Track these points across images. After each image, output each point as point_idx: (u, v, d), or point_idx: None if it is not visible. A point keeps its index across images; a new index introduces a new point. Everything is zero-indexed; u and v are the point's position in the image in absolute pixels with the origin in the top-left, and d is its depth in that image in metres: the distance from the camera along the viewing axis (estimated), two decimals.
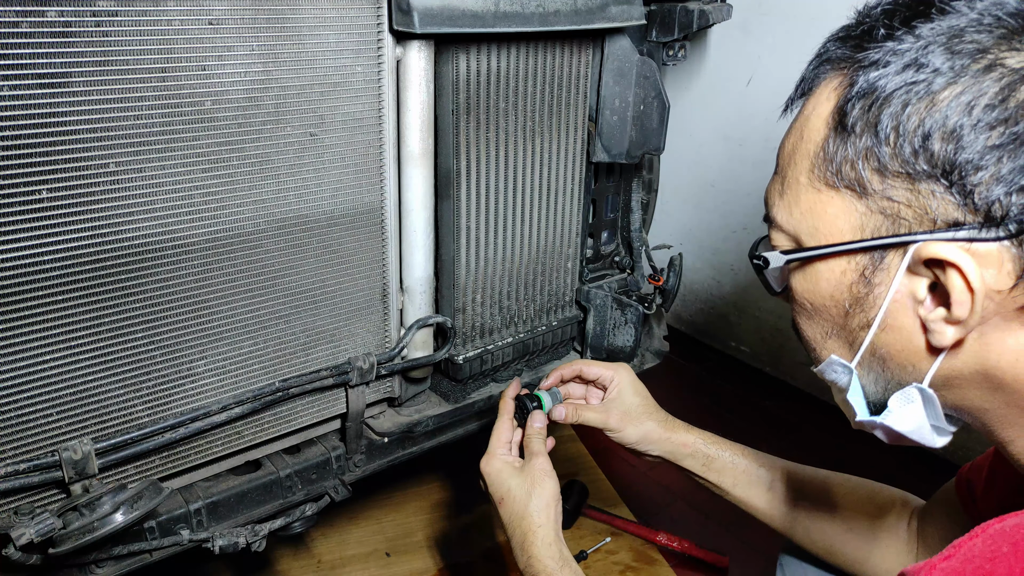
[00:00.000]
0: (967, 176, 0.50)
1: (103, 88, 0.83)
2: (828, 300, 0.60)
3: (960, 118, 0.50)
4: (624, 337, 1.42)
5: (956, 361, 0.56)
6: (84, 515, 0.90)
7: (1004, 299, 0.51)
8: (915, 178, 0.52)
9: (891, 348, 0.58)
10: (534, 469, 0.95)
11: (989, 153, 0.49)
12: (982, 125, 0.49)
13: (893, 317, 0.56)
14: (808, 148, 0.58)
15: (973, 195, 0.50)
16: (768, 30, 1.91)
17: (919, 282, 0.54)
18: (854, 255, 0.57)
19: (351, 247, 1.10)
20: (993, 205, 0.49)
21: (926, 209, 0.52)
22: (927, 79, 0.51)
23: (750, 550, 1.55)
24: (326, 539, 1.51)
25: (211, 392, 1.04)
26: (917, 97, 0.51)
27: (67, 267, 0.87)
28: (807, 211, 0.59)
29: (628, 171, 1.49)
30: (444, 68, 1.10)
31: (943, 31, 0.51)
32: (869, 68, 0.54)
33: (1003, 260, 0.50)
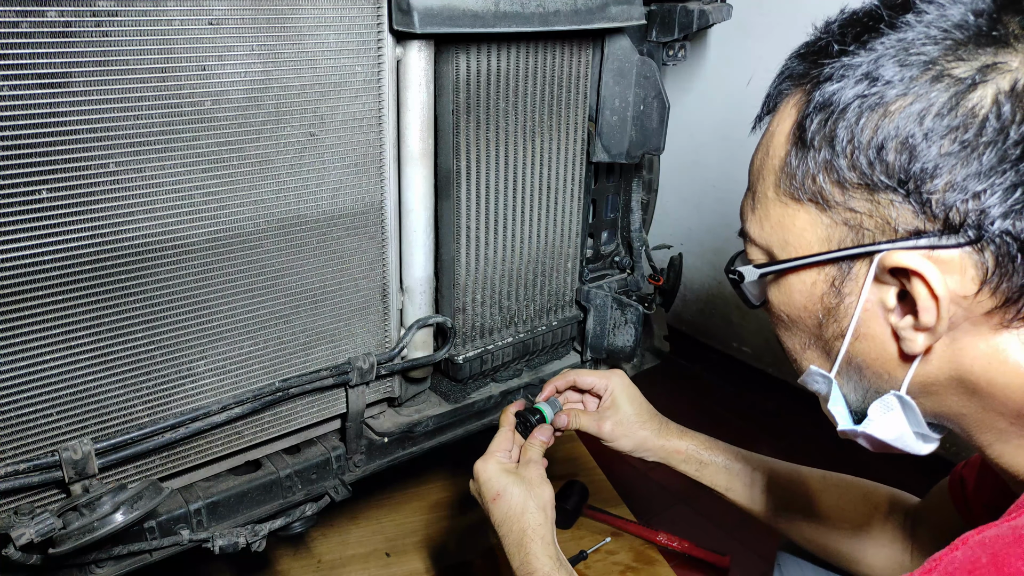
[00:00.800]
0: (923, 184, 0.51)
1: (103, 88, 0.83)
2: (802, 311, 0.61)
3: (912, 128, 0.51)
4: (624, 337, 1.42)
5: (931, 367, 0.57)
6: (84, 515, 0.90)
7: (971, 304, 0.52)
8: (873, 189, 0.53)
9: (866, 357, 0.59)
10: (531, 473, 0.95)
11: (942, 161, 0.50)
12: (934, 134, 0.50)
13: (865, 326, 0.57)
14: (773, 163, 0.60)
15: (930, 203, 0.51)
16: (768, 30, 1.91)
17: (887, 290, 0.55)
18: (823, 266, 0.58)
19: (351, 247, 1.10)
20: (951, 212, 0.50)
21: (887, 219, 0.53)
22: (879, 91, 0.52)
23: (750, 550, 1.55)
24: (326, 539, 1.51)
25: (211, 392, 1.04)
26: (870, 109, 0.52)
27: (67, 267, 0.87)
28: (777, 225, 0.60)
29: (628, 171, 1.49)
30: (444, 68, 1.10)
31: (893, 44, 0.52)
32: (825, 83, 0.55)
33: (965, 266, 0.51)
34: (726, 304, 2.25)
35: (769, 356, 2.16)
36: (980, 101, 0.49)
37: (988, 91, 0.49)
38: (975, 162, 0.49)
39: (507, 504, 0.92)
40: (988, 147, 0.49)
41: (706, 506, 1.67)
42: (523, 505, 0.91)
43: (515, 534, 0.90)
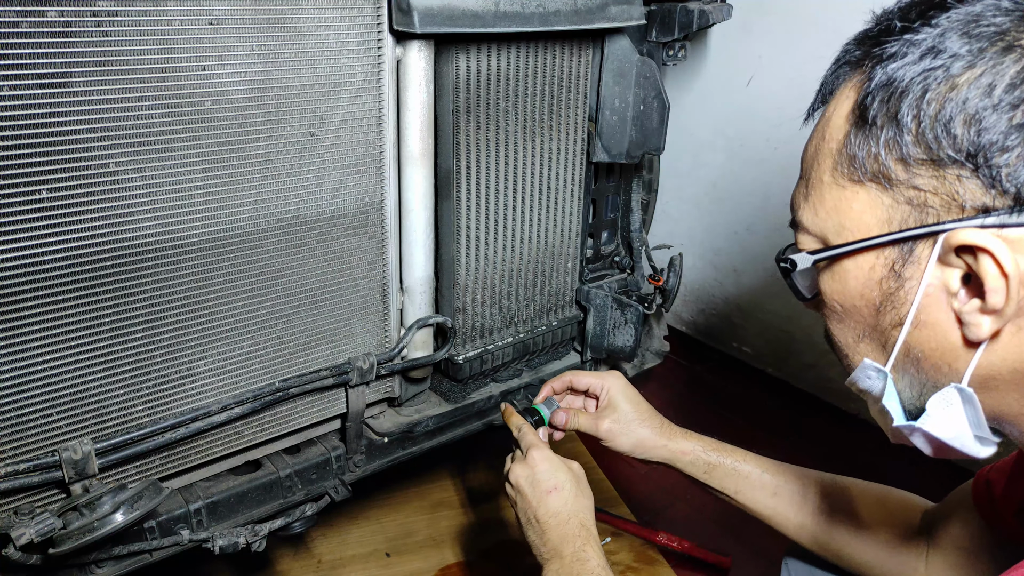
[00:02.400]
0: (992, 158, 0.49)
1: (103, 88, 0.83)
2: (858, 299, 0.59)
3: (981, 100, 0.49)
4: (624, 337, 1.42)
5: (994, 358, 0.54)
6: (84, 515, 0.90)
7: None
8: (940, 164, 0.51)
9: (925, 347, 0.56)
10: (575, 471, 0.96)
11: (1014, 133, 0.48)
12: (1004, 105, 0.48)
13: (926, 312, 0.55)
14: (830, 147, 0.58)
15: (1000, 178, 0.49)
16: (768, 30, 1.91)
17: (951, 273, 0.53)
18: (883, 249, 0.55)
19: (351, 247, 1.10)
20: (1021, 188, 0.48)
21: (953, 195, 0.51)
22: (945, 64, 0.50)
23: (751, 551, 1.55)
24: (326, 539, 1.51)
25: (211, 392, 1.04)
26: (936, 83, 0.51)
27: (67, 267, 0.87)
28: (832, 209, 0.58)
29: (628, 171, 1.49)
30: (444, 68, 1.10)
31: (960, 18, 0.51)
32: (887, 61, 0.53)
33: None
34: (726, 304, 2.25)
35: (769, 356, 2.16)
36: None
37: None
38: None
39: (564, 496, 0.92)
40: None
41: (706, 506, 1.67)
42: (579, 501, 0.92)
43: (573, 525, 0.90)
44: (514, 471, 0.96)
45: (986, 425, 0.57)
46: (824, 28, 1.75)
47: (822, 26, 1.75)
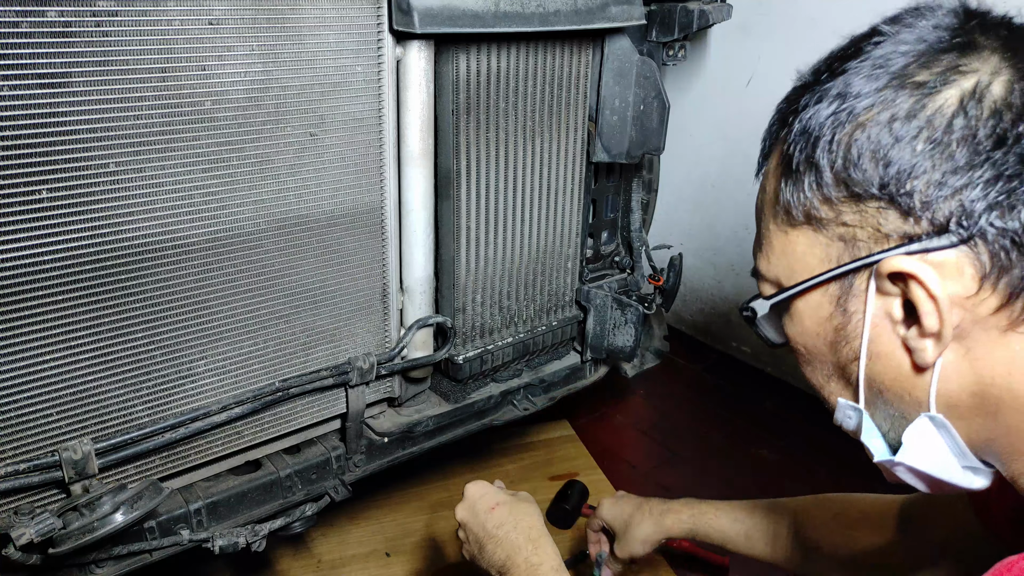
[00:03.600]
0: (902, 187, 0.52)
1: (103, 88, 0.83)
2: (816, 339, 0.61)
3: (883, 134, 0.52)
4: (624, 337, 1.42)
5: (951, 385, 0.55)
6: (84, 515, 0.90)
7: (974, 305, 0.52)
8: (860, 199, 0.54)
9: (884, 378, 0.58)
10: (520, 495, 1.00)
11: (917, 161, 0.51)
12: (905, 137, 0.52)
13: (877, 343, 0.57)
14: (770, 198, 0.62)
15: (915, 205, 0.52)
16: (768, 30, 1.91)
17: (891, 302, 0.55)
18: (826, 286, 0.58)
19: (351, 247, 1.10)
20: (935, 212, 0.51)
21: (877, 227, 0.54)
22: (849, 106, 0.54)
23: None
24: (326, 539, 1.51)
25: (211, 392, 1.04)
26: (844, 124, 0.54)
27: (67, 267, 0.87)
28: (780, 254, 0.61)
29: (628, 171, 1.49)
30: (444, 68, 1.10)
31: (864, 63, 0.55)
32: (803, 111, 0.57)
33: (962, 265, 0.51)
34: (726, 304, 2.25)
35: (769, 356, 2.16)
36: (946, 101, 0.51)
37: (952, 92, 0.51)
38: (949, 160, 0.50)
39: (508, 508, 0.96)
40: (960, 144, 0.50)
41: None
42: (524, 509, 0.95)
43: (522, 530, 0.93)
44: (457, 511, 1.01)
45: (970, 453, 0.58)
46: (824, 28, 1.74)
47: (822, 26, 1.75)
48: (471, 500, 0.99)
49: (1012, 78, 0.51)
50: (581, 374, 1.53)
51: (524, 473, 1.70)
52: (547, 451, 1.78)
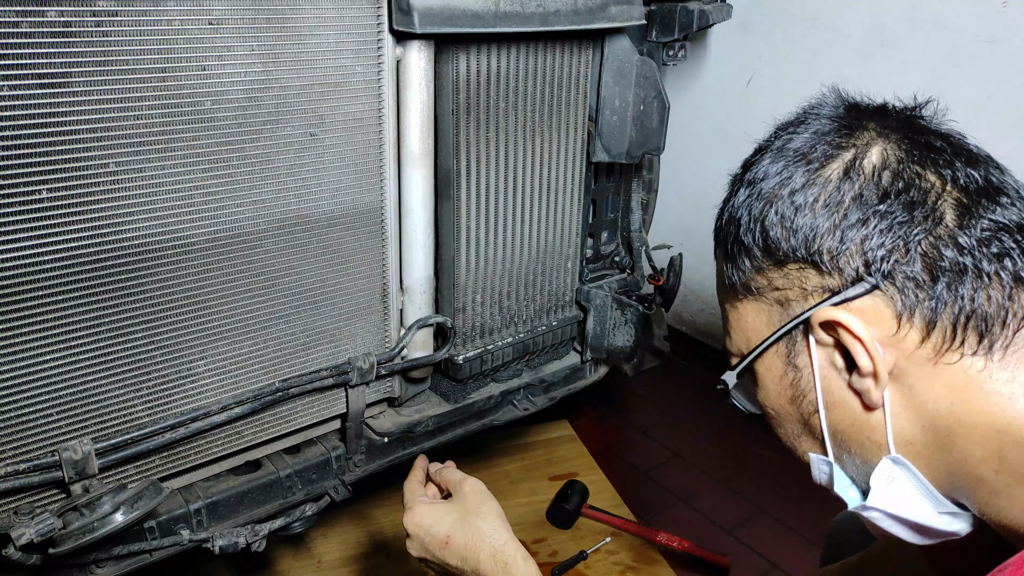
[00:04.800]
0: (813, 247, 0.58)
1: (103, 88, 0.83)
2: (779, 399, 0.66)
3: (787, 205, 0.60)
4: (624, 337, 1.42)
5: (903, 423, 0.59)
6: (84, 515, 0.90)
7: (900, 342, 0.56)
8: (782, 264, 0.61)
9: (843, 426, 0.62)
10: (466, 493, 0.89)
11: (820, 224, 0.58)
12: (805, 205, 0.59)
13: (829, 393, 0.62)
14: (721, 282, 0.69)
15: (825, 262, 0.58)
16: (768, 30, 1.91)
17: (831, 351, 0.60)
18: (776, 347, 0.64)
19: (351, 247, 1.10)
20: (845, 265, 0.57)
21: (802, 286, 0.60)
22: (759, 189, 0.62)
23: (751, 551, 1.55)
24: (326, 539, 1.51)
25: (211, 392, 1.04)
26: (757, 203, 0.62)
27: (67, 267, 0.87)
28: (736, 328, 0.67)
29: (628, 171, 1.49)
30: (444, 68, 1.10)
31: (770, 152, 0.63)
32: (727, 202, 0.66)
33: (879, 308, 0.57)
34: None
35: None
36: (832, 171, 0.59)
37: (836, 163, 0.59)
38: (844, 218, 0.57)
39: (462, 538, 0.85)
40: (851, 203, 0.57)
41: (706, 506, 1.67)
42: (480, 528, 0.85)
43: (484, 557, 0.84)
44: (410, 550, 0.91)
45: (940, 495, 0.61)
46: (824, 28, 1.75)
47: (822, 26, 1.75)
48: (419, 538, 0.89)
49: (884, 147, 0.59)
50: (581, 374, 1.53)
51: (524, 473, 1.71)
52: (547, 451, 1.78)
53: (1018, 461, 0.56)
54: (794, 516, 1.61)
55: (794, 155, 0.61)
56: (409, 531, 0.89)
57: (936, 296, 0.55)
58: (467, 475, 0.93)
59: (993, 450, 0.56)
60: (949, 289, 0.55)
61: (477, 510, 0.87)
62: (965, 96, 1.54)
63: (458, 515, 0.88)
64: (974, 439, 0.57)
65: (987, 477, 0.57)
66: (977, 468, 0.58)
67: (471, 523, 0.86)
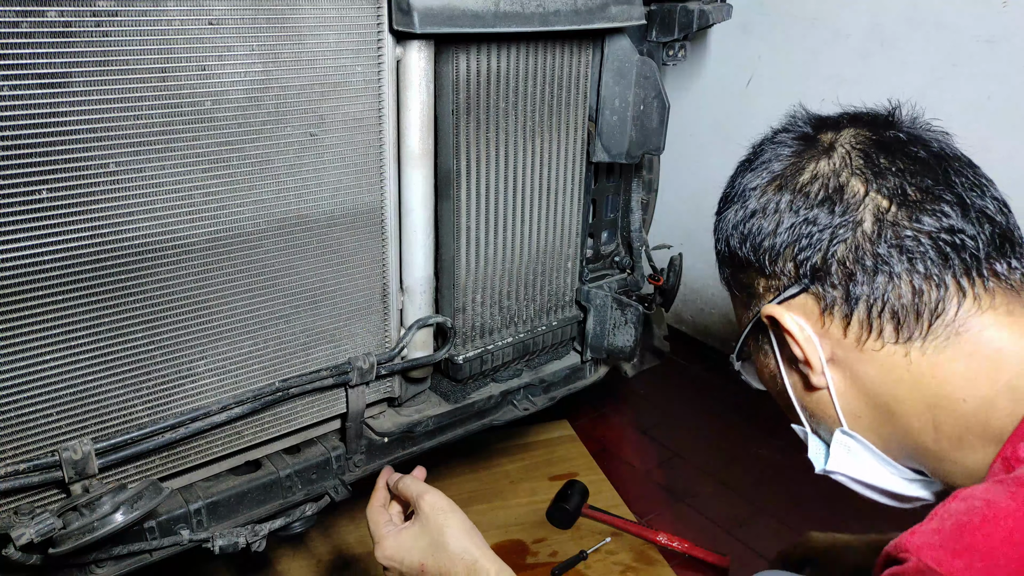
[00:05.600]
0: (757, 253, 0.68)
1: (103, 88, 0.83)
2: (768, 381, 0.75)
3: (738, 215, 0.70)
4: (624, 337, 1.42)
5: (851, 402, 0.67)
6: (84, 515, 0.90)
7: (829, 330, 0.65)
8: (744, 269, 0.71)
9: (804, 401, 0.71)
10: (427, 514, 0.88)
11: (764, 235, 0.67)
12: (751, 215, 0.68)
13: (791, 375, 0.71)
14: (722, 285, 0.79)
15: (765, 266, 0.67)
16: (768, 30, 1.91)
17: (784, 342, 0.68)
18: (754, 336, 0.73)
19: (351, 247, 1.10)
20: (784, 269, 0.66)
21: (757, 286, 0.70)
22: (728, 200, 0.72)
23: (750, 551, 1.55)
24: (326, 539, 1.51)
25: (211, 392, 1.04)
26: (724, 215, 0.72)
27: (67, 267, 0.87)
28: (736, 319, 0.76)
29: (628, 171, 1.49)
30: (444, 68, 1.10)
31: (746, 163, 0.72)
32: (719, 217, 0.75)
33: (807, 303, 0.65)
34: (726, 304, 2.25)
35: None
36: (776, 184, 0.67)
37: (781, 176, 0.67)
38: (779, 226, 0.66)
39: (435, 564, 0.85)
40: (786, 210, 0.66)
41: (706, 506, 1.67)
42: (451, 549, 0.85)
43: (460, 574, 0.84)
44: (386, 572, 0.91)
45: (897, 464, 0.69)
46: (824, 28, 1.75)
47: (822, 26, 1.75)
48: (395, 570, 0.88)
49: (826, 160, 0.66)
50: (581, 374, 1.53)
51: (524, 473, 1.71)
52: (547, 451, 1.78)
53: (951, 430, 0.62)
54: (794, 516, 1.60)
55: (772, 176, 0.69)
56: (384, 564, 0.89)
57: (851, 295, 0.63)
58: (426, 488, 0.91)
59: (928, 421, 0.63)
60: (862, 287, 0.62)
61: (442, 531, 0.86)
62: (965, 96, 1.54)
63: (426, 541, 0.87)
64: (911, 413, 0.64)
65: (929, 446, 0.64)
66: (918, 438, 0.64)
67: (440, 547, 0.85)
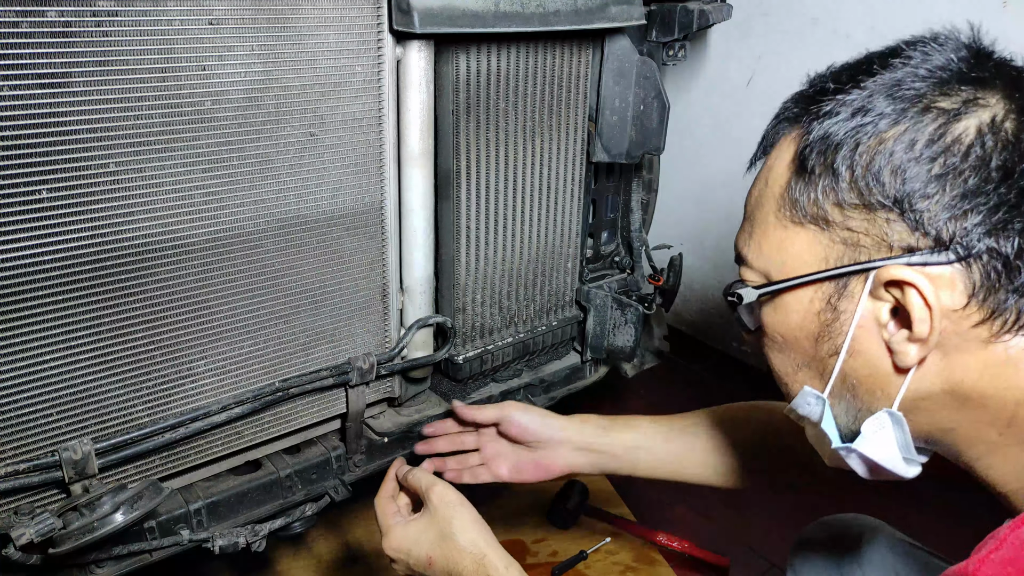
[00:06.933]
0: (916, 205, 0.56)
1: (103, 88, 0.83)
2: (798, 331, 0.64)
3: (905, 153, 0.56)
4: (624, 337, 1.42)
5: (924, 383, 0.59)
6: (84, 515, 0.90)
7: (959, 318, 0.56)
8: (871, 209, 0.58)
9: (859, 374, 0.62)
10: (436, 506, 0.87)
11: (932, 183, 0.55)
12: (924, 159, 0.55)
13: (860, 342, 0.61)
14: (774, 191, 0.64)
15: (923, 222, 0.56)
16: (768, 30, 1.91)
17: (881, 306, 0.59)
18: (820, 284, 0.61)
19: (351, 247, 1.10)
20: (941, 230, 0.55)
21: (883, 236, 0.58)
22: (873, 121, 0.58)
23: (750, 551, 1.56)
24: (326, 539, 1.51)
25: (211, 392, 1.04)
26: (866, 137, 0.58)
27: (67, 267, 0.87)
28: (776, 247, 0.64)
29: (628, 171, 1.49)
30: (444, 68, 1.10)
31: (885, 82, 0.58)
32: (823, 118, 0.60)
33: (955, 280, 0.56)
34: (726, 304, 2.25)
35: None
36: (965, 131, 0.55)
37: (972, 122, 0.55)
38: (961, 185, 0.54)
39: (443, 557, 0.85)
40: (972, 171, 0.54)
41: (706, 506, 1.67)
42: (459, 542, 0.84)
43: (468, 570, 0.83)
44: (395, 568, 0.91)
45: (913, 447, 0.63)
46: (824, 28, 1.75)
47: (822, 26, 1.75)
48: (402, 562, 0.89)
49: (1016, 117, 0.55)
50: (581, 374, 1.53)
51: None
52: None
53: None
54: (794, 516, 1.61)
55: (919, 97, 0.57)
56: (391, 556, 0.89)
57: (1015, 288, 0.55)
58: (435, 480, 0.91)
59: (1007, 416, 0.57)
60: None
61: (450, 524, 0.86)
62: None
63: (434, 533, 0.86)
64: (991, 407, 0.58)
65: (990, 437, 0.59)
66: (982, 429, 0.59)
67: (448, 540, 0.85)
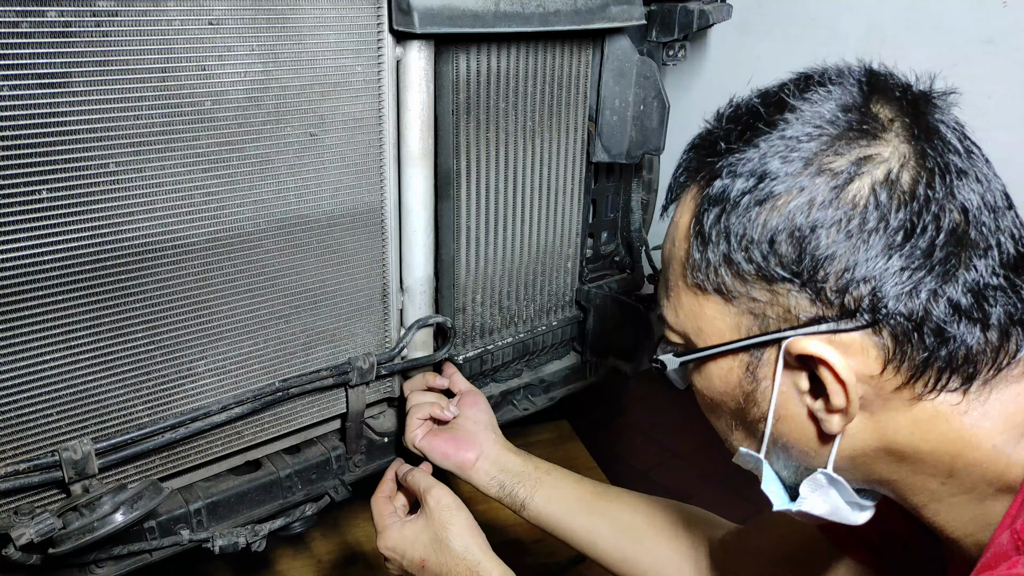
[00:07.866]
0: (815, 273, 0.53)
1: (103, 88, 0.83)
2: (724, 396, 0.63)
3: (800, 220, 0.53)
4: (624, 337, 1.42)
5: (856, 441, 0.58)
6: (84, 515, 0.90)
7: (879, 382, 0.54)
8: (771, 280, 0.55)
9: (790, 437, 0.61)
10: (432, 509, 0.88)
11: (830, 250, 0.53)
12: (820, 225, 0.53)
13: (784, 408, 0.59)
14: (679, 254, 0.62)
15: (824, 291, 0.53)
16: (768, 30, 1.91)
17: (799, 375, 0.57)
18: (736, 353, 0.60)
19: (351, 247, 1.10)
20: (845, 298, 0.53)
21: (787, 308, 0.55)
22: (766, 186, 0.54)
23: None
24: (326, 539, 1.51)
25: (211, 392, 1.04)
26: (759, 204, 0.55)
27: (67, 267, 0.87)
28: (689, 313, 0.62)
29: (628, 171, 1.49)
30: (444, 68, 1.10)
31: (775, 142, 0.55)
32: (715, 180, 0.57)
33: (867, 347, 0.54)
34: None
35: None
36: (859, 192, 0.52)
37: (865, 182, 0.52)
38: (862, 250, 0.52)
39: (437, 561, 0.85)
40: (872, 234, 0.52)
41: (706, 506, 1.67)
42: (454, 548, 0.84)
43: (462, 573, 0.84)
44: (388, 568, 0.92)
45: (857, 496, 0.62)
46: (823, 28, 1.75)
47: (822, 26, 1.75)
48: (396, 562, 0.90)
49: (917, 166, 0.53)
50: (581, 374, 1.53)
51: None
52: (547, 451, 1.78)
53: (967, 478, 0.56)
54: None
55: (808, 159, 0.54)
56: (385, 555, 0.89)
57: (929, 349, 0.53)
58: (434, 482, 0.91)
59: (945, 469, 0.57)
60: (943, 343, 0.52)
61: (446, 529, 0.86)
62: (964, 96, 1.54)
63: (429, 536, 0.86)
64: (927, 461, 0.57)
65: (931, 487, 0.58)
66: (923, 480, 0.58)
67: (443, 544, 0.85)
